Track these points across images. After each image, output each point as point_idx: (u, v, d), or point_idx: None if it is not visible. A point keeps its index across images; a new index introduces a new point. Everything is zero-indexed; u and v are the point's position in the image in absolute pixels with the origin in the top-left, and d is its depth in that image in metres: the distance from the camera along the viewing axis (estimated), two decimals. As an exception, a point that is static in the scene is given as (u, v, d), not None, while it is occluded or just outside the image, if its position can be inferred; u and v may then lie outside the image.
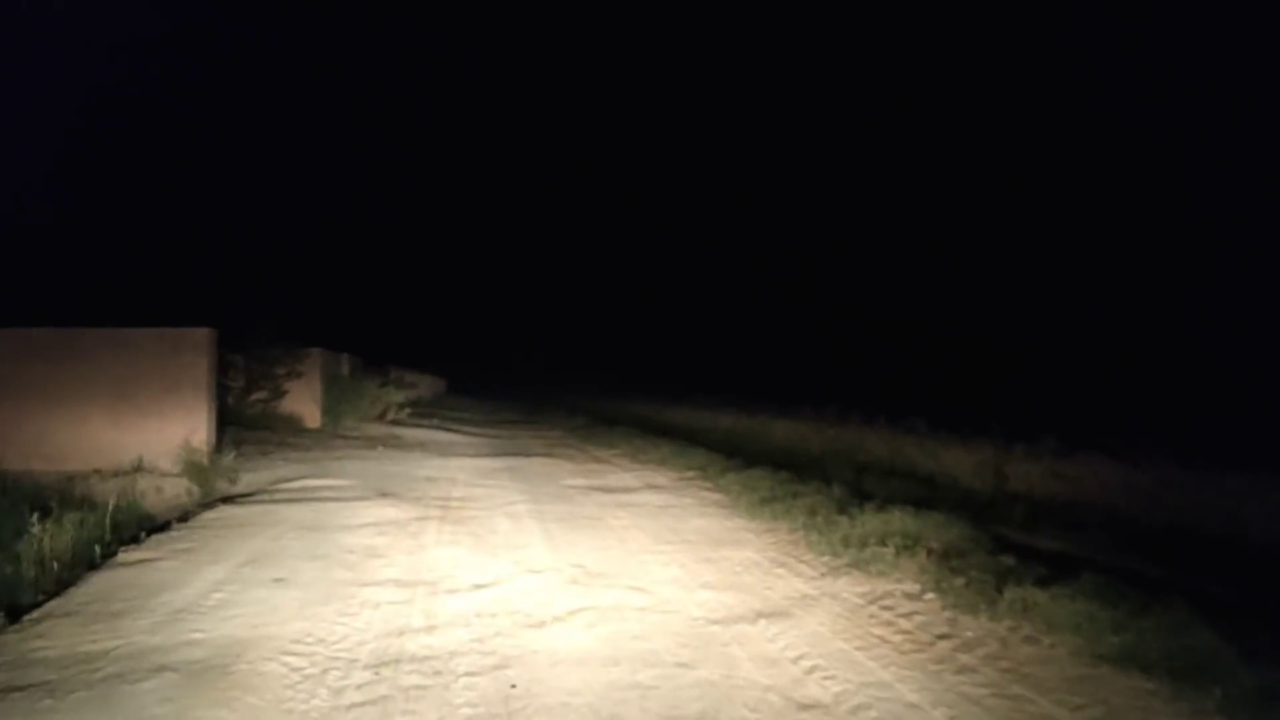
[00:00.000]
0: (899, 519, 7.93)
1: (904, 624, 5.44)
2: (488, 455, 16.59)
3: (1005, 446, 12.27)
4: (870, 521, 7.98)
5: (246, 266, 24.80)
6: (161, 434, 12.74)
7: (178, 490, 11.96)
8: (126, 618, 5.47)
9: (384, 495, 10.81)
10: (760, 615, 5.68)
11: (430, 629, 5.36)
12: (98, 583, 6.44)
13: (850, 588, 6.39)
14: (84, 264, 19.82)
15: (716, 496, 11.06)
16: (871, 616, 5.63)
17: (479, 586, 6.44)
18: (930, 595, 5.97)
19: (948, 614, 5.57)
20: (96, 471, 12.41)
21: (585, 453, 17.56)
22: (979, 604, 5.57)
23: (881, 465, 14.76)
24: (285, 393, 20.59)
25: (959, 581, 5.94)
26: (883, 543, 7.13)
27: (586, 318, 66.09)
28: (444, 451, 17.04)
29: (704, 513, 9.87)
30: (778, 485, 10.80)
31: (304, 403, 20.79)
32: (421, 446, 18.03)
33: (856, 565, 6.88)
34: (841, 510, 8.85)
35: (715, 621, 5.56)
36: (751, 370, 35.80)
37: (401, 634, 5.25)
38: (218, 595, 6.05)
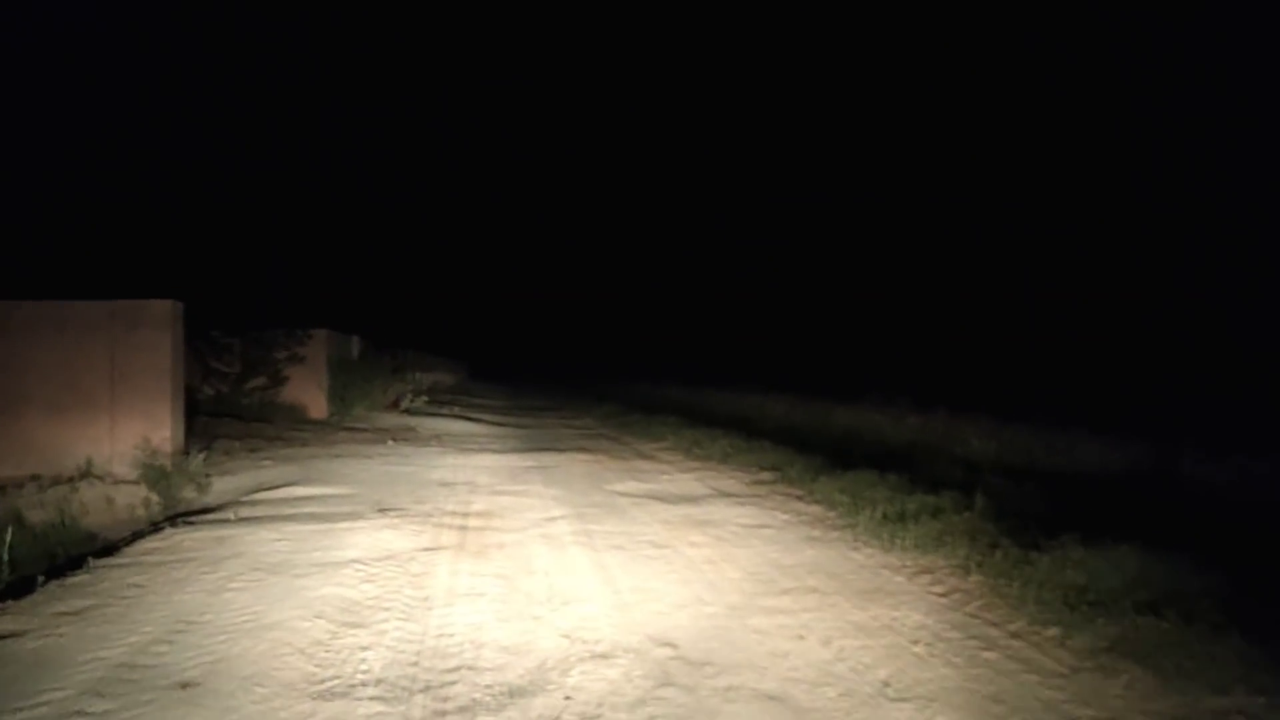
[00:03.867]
0: (1128, 557, 5.35)
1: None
2: (513, 451, 14.11)
3: (1172, 444, 9.64)
4: (1087, 562, 5.40)
5: (244, 243, 22.41)
6: (115, 431, 10.34)
7: (133, 500, 9.59)
8: None
9: (384, 510, 8.33)
10: (1033, 779, 3.13)
11: (428, 820, 2.85)
12: (-106, 689, 3.96)
13: (1145, 702, 3.81)
14: (45, 235, 17.50)
15: (815, 510, 8.49)
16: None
17: (516, 695, 3.91)
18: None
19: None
20: (34, 478, 10.03)
21: (627, 446, 15.05)
22: None
23: (989, 462, 12.16)
24: (286, 379, 18.23)
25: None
26: (1149, 608, 4.54)
27: (608, 303, 63.53)
28: (462, 446, 14.57)
29: (811, 537, 7.31)
30: (897, 496, 8.22)
31: (307, 390, 18.39)
32: (437, 439, 15.58)
33: (1121, 650, 4.29)
34: (1016, 538, 6.28)
35: (960, 799, 3.02)
36: (784, 357, 33.10)
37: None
38: (71, 724, 3.56)
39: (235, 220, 22.80)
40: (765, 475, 10.91)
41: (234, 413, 16.53)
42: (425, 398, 23.29)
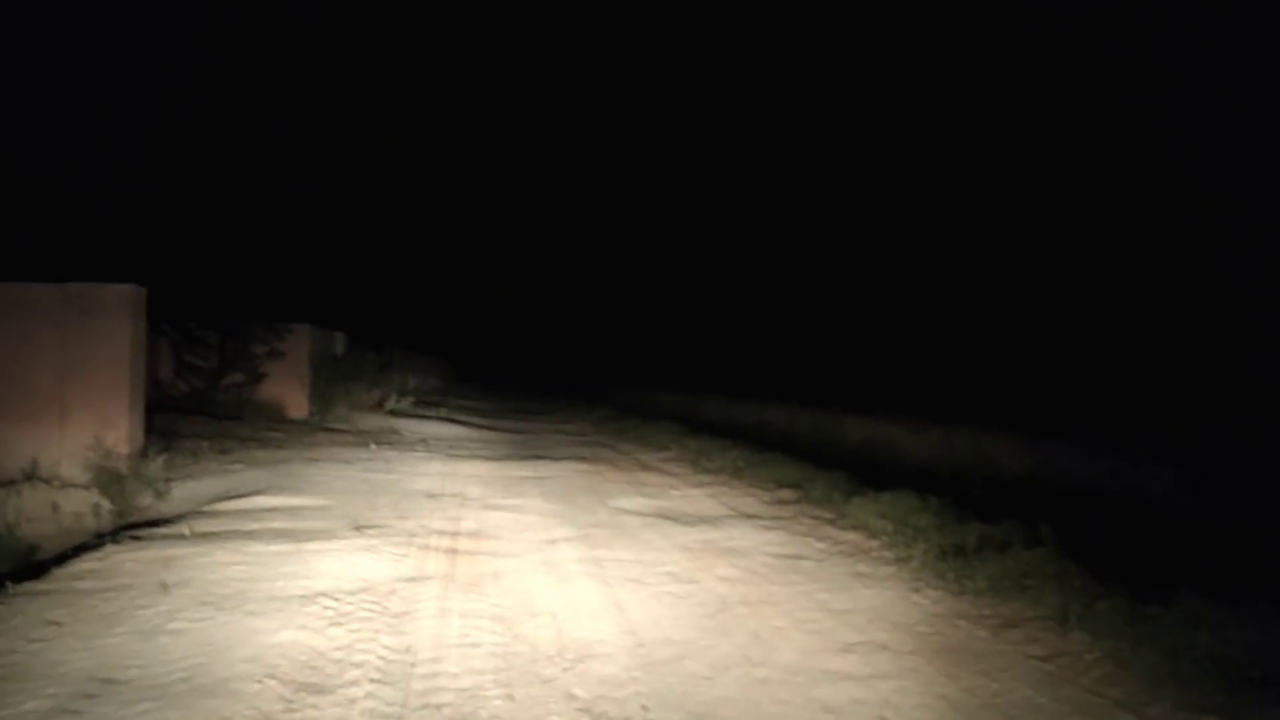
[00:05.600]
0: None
1: None
2: (505, 458, 13.07)
3: (1241, 462, 8.68)
4: (1225, 623, 4.40)
5: (225, 232, 21.31)
6: (65, 429, 9.26)
7: (82, 508, 8.56)
8: None
9: (361, 528, 7.28)
10: None
11: None
12: None
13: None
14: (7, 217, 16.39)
15: (853, 538, 7.48)
16: None
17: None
18: None
19: None
20: (-30, 480, 8.97)
21: (627, 455, 14.03)
22: None
23: (1024, 482, 11.22)
24: (264, 375, 17.09)
25: None
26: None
27: (599, 305, 62.39)
28: (451, 451, 13.54)
29: (859, 573, 6.30)
30: (948, 524, 7.22)
31: (288, 388, 17.26)
32: (424, 443, 14.53)
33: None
34: (1110, 583, 5.28)
35: None
36: (784, 362, 32.00)
37: None
38: None
39: (216, 208, 21.72)
40: (785, 493, 9.91)
41: (208, 410, 15.45)
42: (411, 398, 22.23)
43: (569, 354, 60.02)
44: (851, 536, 7.49)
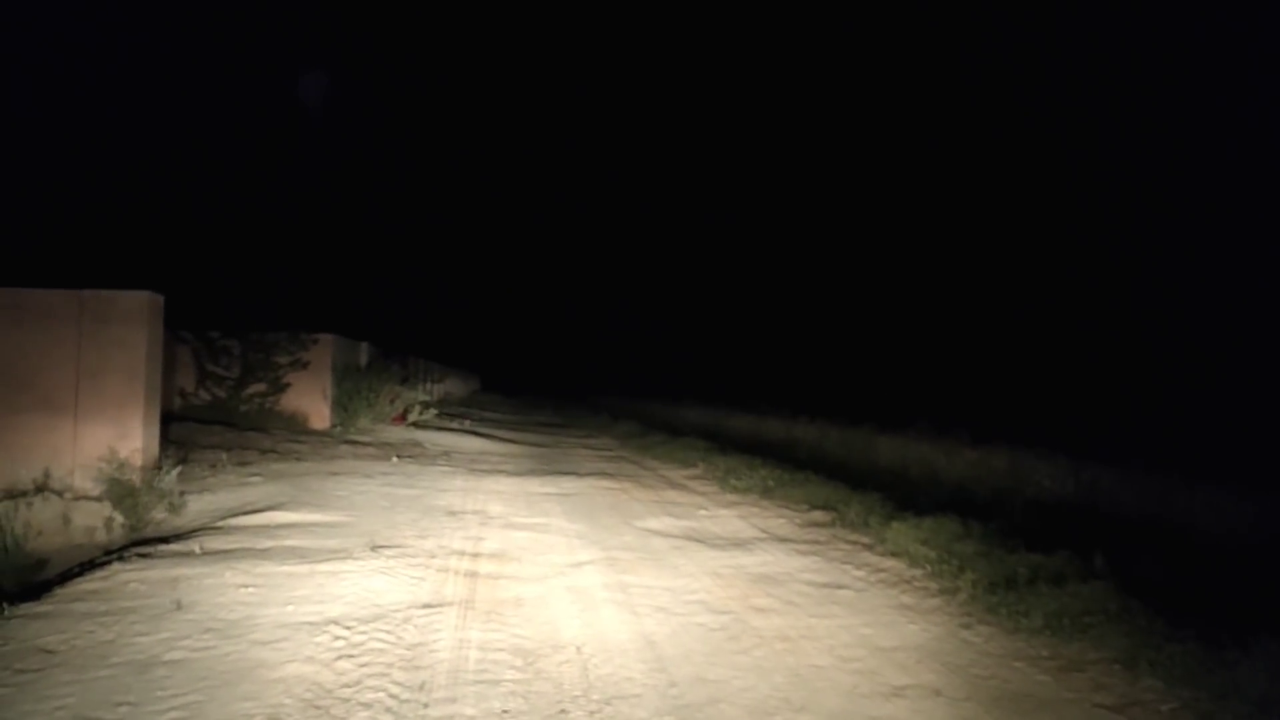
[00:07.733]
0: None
1: None
2: (529, 473, 12.75)
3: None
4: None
5: (250, 241, 21.23)
6: (78, 439, 9.05)
7: (93, 521, 8.35)
8: None
9: (378, 548, 6.97)
10: None
11: None
12: None
13: None
14: (36, 227, 16.34)
15: (894, 566, 7.08)
16: None
17: None
18: None
19: None
20: (-19, 490, 8.76)
21: (652, 472, 13.68)
22: None
23: (1067, 506, 10.76)
24: (287, 386, 16.93)
25: None
26: None
27: (624, 319, 62.24)
28: (473, 465, 13.24)
29: (903, 605, 5.91)
30: (994, 552, 6.82)
31: (311, 399, 17.08)
32: (446, 457, 14.26)
33: None
34: (1178, 624, 4.88)
35: None
36: (812, 378, 31.56)
37: None
38: None
39: (243, 217, 21.66)
40: (818, 515, 9.52)
41: (229, 420, 15.29)
42: (435, 410, 22.00)
43: (596, 368, 59.89)
44: (892, 564, 7.10)
